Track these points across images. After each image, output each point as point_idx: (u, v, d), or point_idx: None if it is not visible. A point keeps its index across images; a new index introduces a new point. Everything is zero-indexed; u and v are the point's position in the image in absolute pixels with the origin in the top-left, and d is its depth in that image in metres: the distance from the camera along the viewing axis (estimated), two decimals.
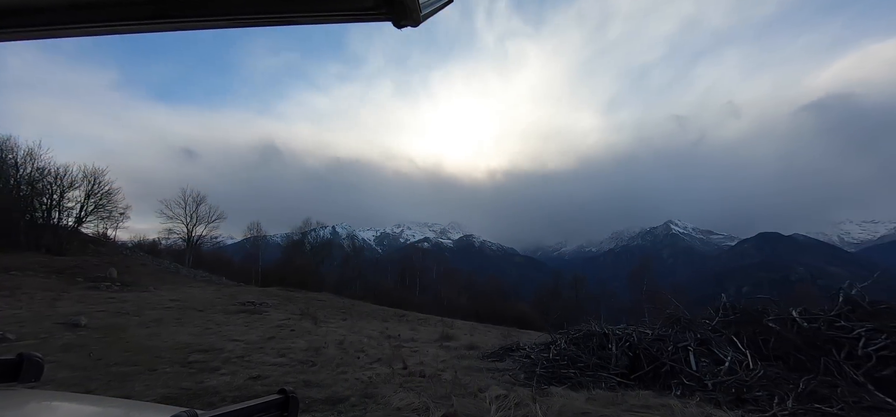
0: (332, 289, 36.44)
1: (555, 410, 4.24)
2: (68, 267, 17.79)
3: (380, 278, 53.83)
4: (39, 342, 7.01)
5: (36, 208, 24.67)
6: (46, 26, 0.66)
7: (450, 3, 0.72)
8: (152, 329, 8.80)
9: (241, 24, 0.66)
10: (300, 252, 46.73)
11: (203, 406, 4.13)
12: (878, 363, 5.07)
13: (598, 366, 6.18)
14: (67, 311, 9.84)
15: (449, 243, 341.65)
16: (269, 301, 15.79)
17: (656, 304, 30.43)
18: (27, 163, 24.51)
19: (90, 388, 4.76)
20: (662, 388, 5.42)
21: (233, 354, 6.93)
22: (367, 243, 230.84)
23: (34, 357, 1.03)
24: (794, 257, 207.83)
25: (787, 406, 4.52)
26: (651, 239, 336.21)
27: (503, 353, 8.19)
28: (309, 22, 0.65)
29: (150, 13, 0.63)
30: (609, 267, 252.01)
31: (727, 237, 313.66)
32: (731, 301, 7.56)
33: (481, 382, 5.59)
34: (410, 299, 41.19)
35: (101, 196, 26.65)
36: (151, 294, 14.97)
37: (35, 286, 13.55)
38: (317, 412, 4.37)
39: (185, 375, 5.58)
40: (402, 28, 0.63)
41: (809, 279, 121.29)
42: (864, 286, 6.74)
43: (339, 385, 5.33)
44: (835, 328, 5.85)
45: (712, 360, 5.86)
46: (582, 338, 7.23)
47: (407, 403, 4.49)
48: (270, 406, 0.88)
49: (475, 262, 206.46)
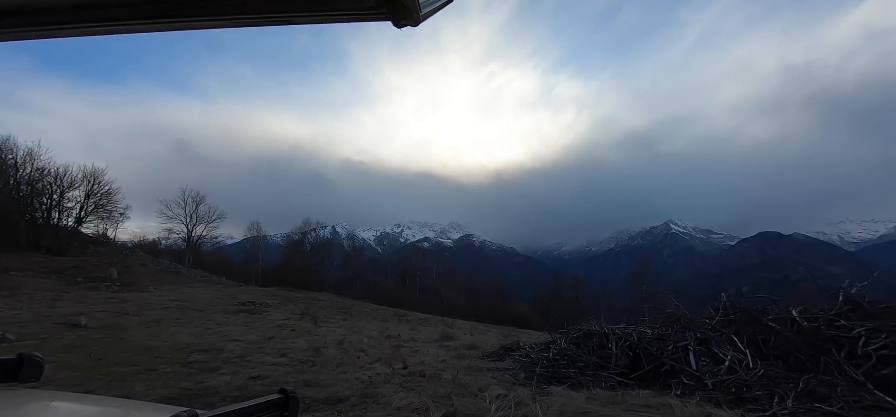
0: (332, 289, 36.45)
1: (555, 409, 4.24)
2: (68, 267, 17.79)
3: (380, 278, 53.85)
4: (39, 342, 7.01)
5: (36, 209, 24.66)
6: (46, 26, 0.66)
7: (450, 3, 0.72)
8: (152, 330, 8.80)
9: (241, 23, 0.66)
10: (300, 252, 46.75)
11: (203, 406, 4.13)
12: (878, 363, 5.07)
13: (598, 366, 6.19)
14: (67, 311, 9.84)
15: (449, 243, 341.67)
16: (269, 301, 15.79)
17: (656, 304, 30.43)
18: (27, 163, 24.56)
19: (90, 388, 4.76)
20: (662, 387, 5.42)
21: (233, 354, 6.93)
22: (367, 243, 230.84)
23: (34, 357, 1.03)
24: (794, 256, 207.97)
25: (787, 405, 4.52)
26: (651, 239, 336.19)
27: (503, 353, 8.19)
28: (309, 22, 0.65)
29: (150, 13, 0.63)
30: (609, 267, 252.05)
31: (727, 237, 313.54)
32: (730, 301, 7.55)
33: (481, 382, 5.59)
34: (410, 299, 41.20)
35: (101, 196, 26.67)
36: (151, 294, 14.98)
37: (35, 286, 13.55)
38: (317, 411, 4.37)
39: (186, 375, 5.58)
40: (402, 28, 0.64)
41: (809, 279, 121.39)
42: (863, 285, 6.74)
43: (340, 384, 5.34)
44: (835, 328, 5.85)
45: (712, 359, 5.86)
46: (582, 338, 7.23)
47: (407, 403, 4.50)
48: (270, 405, 0.88)
49: (475, 262, 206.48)
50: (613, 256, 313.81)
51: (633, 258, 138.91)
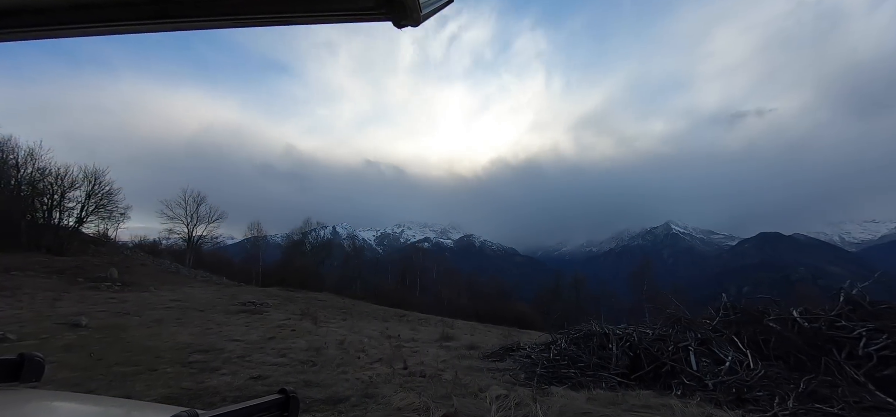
0: (333, 289, 36.45)
1: (555, 410, 4.24)
2: (69, 267, 17.81)
3: (380, 278, 53.84)
4: (40, 342, 7.02)
5: (37, 209, 24.68)
6: (46, 26, 0.66)
7: (450, 3, 0.71)
8: (153, 329, 8.81)
9: (241, 23, 0.66)
10: (300, 252, 46.76)
11: (203, 406, 4.13)
12: (879, 363, 5.07)
13: (598, 366, 6.18)
14: (68, 311, 9.85)
15: (449, 243, 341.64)
16: (269, 301, 15.80)
17: (657, 304, 30.43)
18: (28, 163, 24.56)
19: (91, 388, 4.76)
20: (663, 388, 5.41)
21: (233, 354, 6.93)
22: (368, 243, 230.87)
23: (35, 357, 1.03)
24: (794, 256, 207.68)
25: (787, 405, 4.51)
26: (651, 239, 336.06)
27: (504, 353, 8.19)
28: (309, 22, 0.65)
29: (150, 13, 0.63)
30: (609, 267, 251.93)
31: (728, 237, 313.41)
32: (731, 301, 7.55)
33: (482, 382, 5.59)
34: (411, 299, 41.19)
35: (102, 196, 26.69)
36: (152, 294, 14.99)
37: (36, 286, 13.56)
38: (317, 412, 4.37)
39: (186, 375, 5.58)
40: (402, 28, 0.64)
41: (810, 279, 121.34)
42: (864, 285, 6.74)
43: (340, 384, 5.34)
44: (835, 328, 5.84)
45: (713, 360, 5.85)
46: (582, 338, 7.23)
47: (407, 403, 4.49)
48: (271, 405, 0.88)
49: (475, 262, 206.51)
50: (614, 256, 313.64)
51: (634, 259, 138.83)
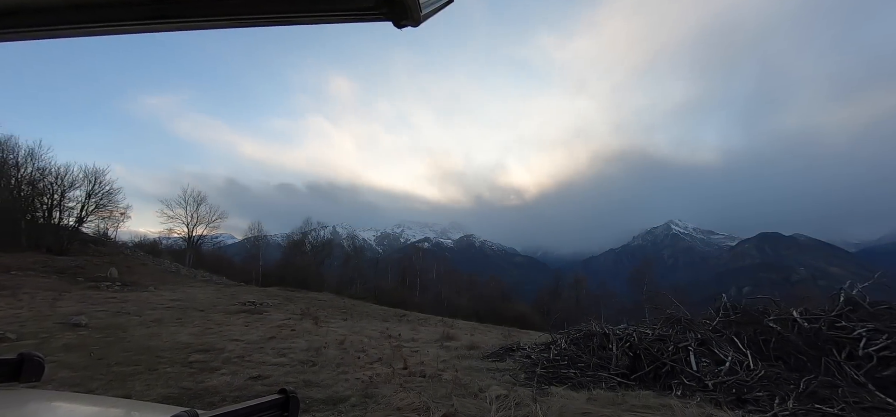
0: (333, 289, 36.44)
1: (555, 410, 4.24)
2: (69, 267, 17.82)
3: (380, 278, 53.80)
4: (40, 341, 7.02)
5: (37, 208, 24.70)
6: (46, 26, 0.66)
7: (450, 3, 0.71)
8: (153, 329, 8.81)
9: (241, 24, 0.66)
10: (300, 252, 46.75)
11: (203, 405, 4.13)
12: (879, 364, 5.07)
13: (598, 366, 6.18)
14: (68, 311, 9.85)
15: (449, 243, 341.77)
16: (269, 301, 15.81)
17: (657, 304, 30.37)
18: (28, 163, 24.59)
19: (91, 388, 4.77)
20: (663, 388, 5.41)
21: (233, 354, 6.93)
22: (368, 243, 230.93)
23: (35, 357, 1.03)
24: (794, 257, 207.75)
25: (787, 406, 4.51)
26: (651, 239, 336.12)
27: (504, 353, 8.18)
28: (309, 22, 0.65)
29: (150, 13, 0.63)
30: (609, 267, 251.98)
31: (728, 237, 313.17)
32: (731, 301, 7.54)
33: (482, 382, 5.58)
34: (411, 299, 41.17)
35: (102, 196, 26.72)
36: (152, 294, 14.99)
37: (36, 285, 13.57)
38: (317, 412, 4.37)
39: (186, 375, 5.58)
40: (402, 28, 0.63)
41: (810, 279, 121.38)
42: (864, 286, 6.74)
43: (340, 384, 5.34)
44: (836, 329, 5.84)
45: (713, 360, 5.85)
46: (582, 338, 7.23)
47: (407, 403, 4.49)
48: (271, 405, 0.88)
49: (476, 262, 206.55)
50: (614, 256, 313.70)
51: (634, 259, 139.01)
